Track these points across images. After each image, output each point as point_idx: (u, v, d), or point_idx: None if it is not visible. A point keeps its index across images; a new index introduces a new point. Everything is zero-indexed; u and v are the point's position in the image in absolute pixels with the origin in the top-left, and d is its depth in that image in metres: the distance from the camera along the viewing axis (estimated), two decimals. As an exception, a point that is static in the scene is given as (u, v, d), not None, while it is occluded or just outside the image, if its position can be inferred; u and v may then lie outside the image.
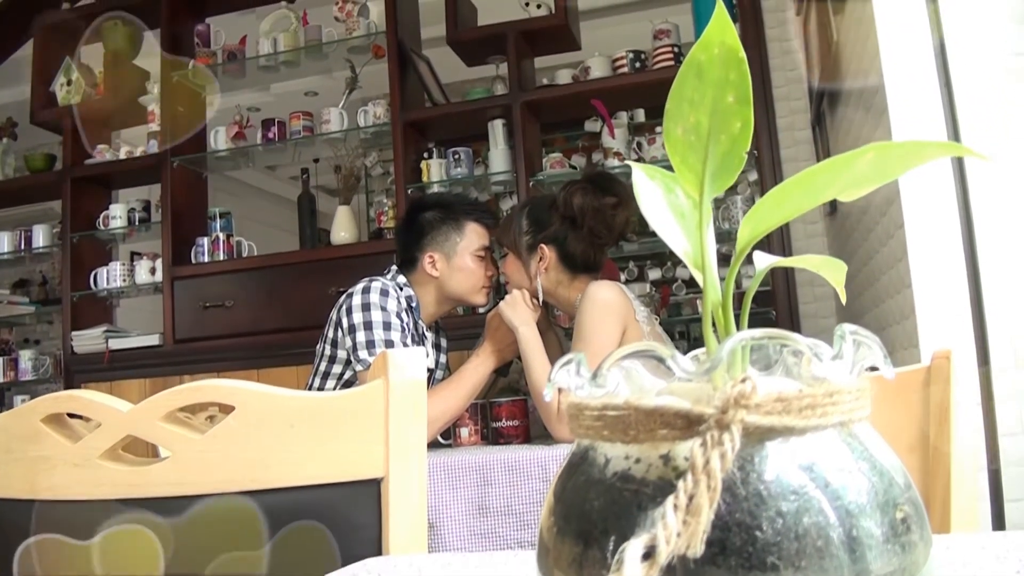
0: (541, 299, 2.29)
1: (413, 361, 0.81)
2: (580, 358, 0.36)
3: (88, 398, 0.82)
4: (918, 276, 1.74)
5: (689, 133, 0.36)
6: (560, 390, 0.36)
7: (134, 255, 5.68)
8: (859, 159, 0.33)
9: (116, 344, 3.74)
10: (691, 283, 5.43)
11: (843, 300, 0.42)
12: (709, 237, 0.37)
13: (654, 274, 5.52)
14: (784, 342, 0.33)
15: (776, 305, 3.16)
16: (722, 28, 0.35)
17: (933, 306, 1.75)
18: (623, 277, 4.18)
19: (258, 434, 0.79)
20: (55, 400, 0.84)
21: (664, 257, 5.06)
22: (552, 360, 2.21)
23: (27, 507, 0.85)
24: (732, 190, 4.59)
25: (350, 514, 0.81)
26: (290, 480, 0.80)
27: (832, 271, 0.38)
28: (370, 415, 0.80)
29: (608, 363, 0.34)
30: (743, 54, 0.36)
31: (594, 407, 0.33)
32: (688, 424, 0.30)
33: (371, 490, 0.81)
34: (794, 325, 3.16)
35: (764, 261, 0.39)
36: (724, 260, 4.92)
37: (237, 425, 0.79)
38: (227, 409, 0.81)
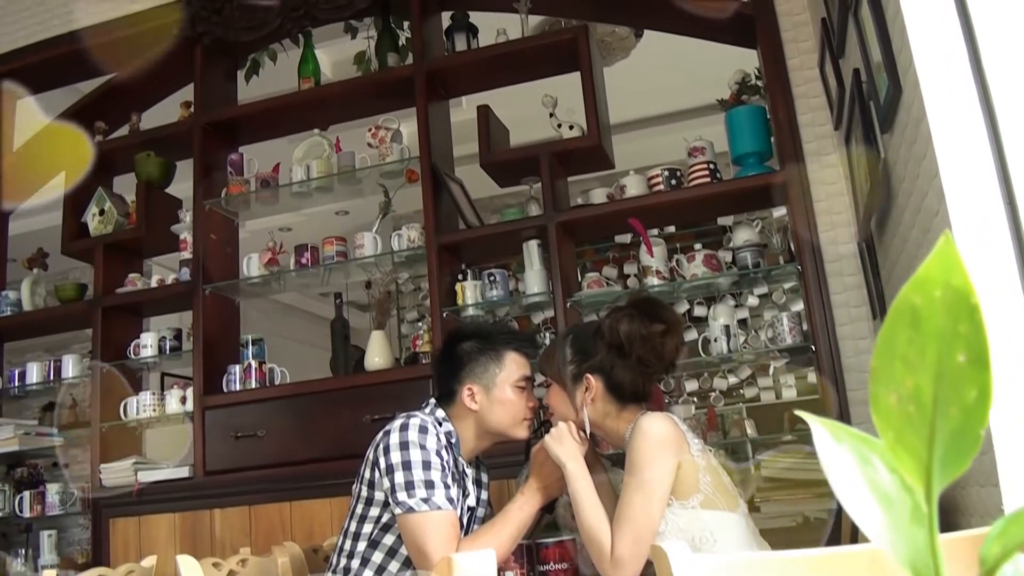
0: (588, 431, 2.18)
1: (481, 566, 0.71)
2: None
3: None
4: (996, 409, 1.62)
5: (906, 402, 0.27)
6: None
7: (165, 376, 5.65)
8: None
9: (146, 477, 3.64)
10: (728, 393, 5.27)
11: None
12: (940, 544, 0.28)
13: (691, 385, 5.39)
14: None
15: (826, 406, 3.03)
16: (947, 265, 0.27)
17: (1014, 441, 1.63)
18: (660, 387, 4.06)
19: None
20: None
21: (702, 368, 4.92)
22: (602, 496, 2.09)
23: None
24: (768, 300, 4.50)
25: None
26: None
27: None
28: (434, 630, 0.70)
29: None
30: (976, 299, 0.27)
31: None
32: None
33: None
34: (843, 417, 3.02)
35: None
36: (762, 371, 4.78)
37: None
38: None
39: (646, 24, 4.18)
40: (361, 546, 2.18)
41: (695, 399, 5.17)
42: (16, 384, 4.19)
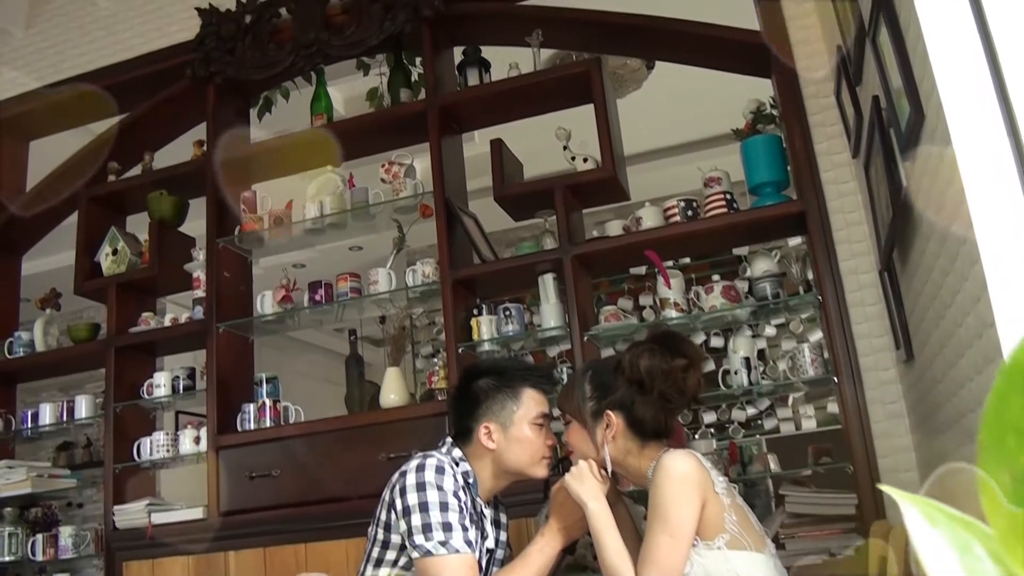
0: (610, 469, 2.13)
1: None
2: None
3: None
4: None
5: (1023, 483, 0.23)
6: None
7: (179, 414, 5.62)
8: None
9: (159, 518, 3.59)
10: (747, 424, 5.18)
11: None
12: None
13: (709, 417, 5.30)
14: None
15: (853, 459, 2.97)
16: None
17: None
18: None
19: None
20: None
21: (719, 400, 4.84)
22: (624, 535, 2.04)
23: None
24: (786, 330, 4.44)
25: None
26: None
27: None
28: None
29: None
30: (1103, 360, 0.23)
31: None
32: None
33: None
34: (872, 477, 2.96)
35: None
36: (781, 401, 4.71)
37: None
38: None
39: (657, 56, 4.17)
40: (378, 591, 2.13)
41: (712, 431, 5.09)
42: (29, 425, 4.16)
